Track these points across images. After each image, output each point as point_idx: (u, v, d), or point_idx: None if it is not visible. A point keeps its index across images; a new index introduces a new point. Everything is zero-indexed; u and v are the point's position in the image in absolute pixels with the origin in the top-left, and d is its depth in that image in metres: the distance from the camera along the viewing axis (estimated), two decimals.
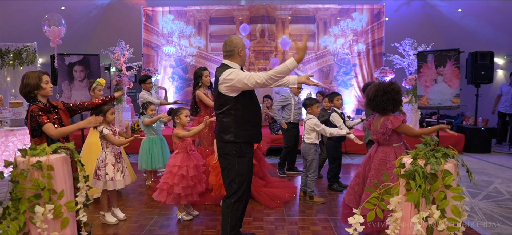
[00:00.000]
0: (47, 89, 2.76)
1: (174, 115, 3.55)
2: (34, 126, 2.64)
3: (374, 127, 2.91)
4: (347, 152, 6.82)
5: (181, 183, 3.33)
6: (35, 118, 2.63)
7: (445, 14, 8.58)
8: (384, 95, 2.81)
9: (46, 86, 2.74)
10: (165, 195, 3.36)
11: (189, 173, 3.35)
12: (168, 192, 3.35)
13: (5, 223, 1.91)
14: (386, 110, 2.83)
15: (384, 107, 2.82)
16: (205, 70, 4.24)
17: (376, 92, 2.85)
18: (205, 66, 7.74)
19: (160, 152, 4.63)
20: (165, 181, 3.35)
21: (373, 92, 2.87)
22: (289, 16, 9.06)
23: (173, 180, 3.32)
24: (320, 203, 4.02)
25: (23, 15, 7.27)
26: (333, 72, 9.13)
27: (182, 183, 3.33)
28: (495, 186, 4.67)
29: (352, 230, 1.95)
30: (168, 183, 3.33)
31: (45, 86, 2.74)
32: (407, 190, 1.97)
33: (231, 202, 2.63)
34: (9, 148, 5.45)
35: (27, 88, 2.69)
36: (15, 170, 2.00)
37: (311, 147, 4.02)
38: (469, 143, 7.15)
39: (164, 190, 3.36)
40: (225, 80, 2.53)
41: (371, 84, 3.05)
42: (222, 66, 2.63)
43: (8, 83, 7.29)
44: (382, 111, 2.86)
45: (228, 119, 2.59)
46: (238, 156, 2.60)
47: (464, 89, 7.69)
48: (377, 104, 2.84)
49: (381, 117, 2.87)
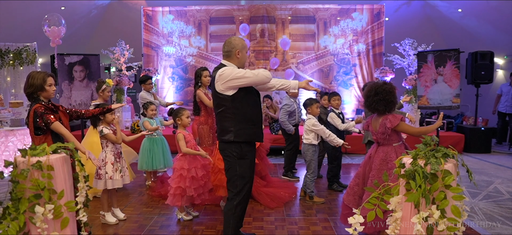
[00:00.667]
0: (50, 91, 2.80)
1: (175, 116, 3.55)
2: (40, 124, 2.66)
3: (373, 128, 2.91)
4: (347, 152, 6.82)
5: (193, 185, 3.37)
6: (42, 117, 2.66)
7: (445, 14, 8.58)
8: (375, 95, 2.81)
9: (49, 88, 2.78)
10: (180, 199, 3.40)
11: (198, 174, 3.38)
12: (182, 196, 3.39)
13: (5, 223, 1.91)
14: (377, 110, 2.84)
15: (376, 107, 2.82)
16: (205, 70, 4.24)
17: (368, 92, 2.87)
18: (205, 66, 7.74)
19: (161, 153, 4.62)
20: (177, 186, 3.37)
21: (365, 92, 2.91)
22: (289, 16, 9.06)
23: (185, 183, 3.35)
24: (320, 203, 4.02)
25: (23, 15, 7.27)
26: (333, 72, 9.13)
27: (194, 184, 3.37)
28: (495, 186, 4.67)
29: (352, 230, 1.95)
30: (181, 187, 3.36)
31: (48, 89, 2.77)
32: (407, 190, 1.97)
33: (234, 204, 2.60)
34: (9, 148, 5.45)
35: (31, 88, 2.73)
36: (15, 170, 2.00)
37: (310, 147, 4.01)
38: (469, 143, 7.14)
39: (178, 194, 3.39)
40: (219, 78, 2.52)
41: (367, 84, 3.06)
42: (219, 65, 2.64)
43: (8, 83, 7.29)
44: (374, 111, 2.87)
45: (227, 119, 2.58)
46: (239, 158, 2.58)
47: (464, 89, 7.69)
48: (369, 104, 2.86)
49: (379, 117, 2.87)
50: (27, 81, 2.75)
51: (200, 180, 3.40)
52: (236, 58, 2.63)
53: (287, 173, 5.18)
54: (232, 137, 2.55)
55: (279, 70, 9.02)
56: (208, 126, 4.23)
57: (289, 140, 5.11)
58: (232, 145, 2.57)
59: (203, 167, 3.46)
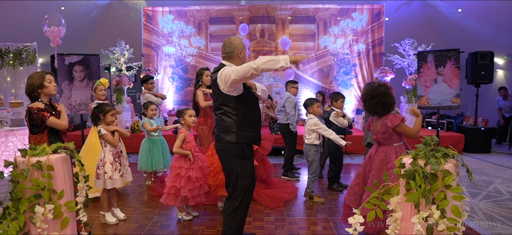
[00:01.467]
0: (50, 88, 2.90)
1: (179, 116, 3.63)
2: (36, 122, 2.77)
3: (374, 128, 2.91)
4: (347, 152, 6.82)
5: (188, 185, 3.36)
6: (37, 114, 2.77)
7: (445, 14, 8.58)
8: (371, 99, 2.81)
9: (49, 85, 2.88)
10: (174, 199, 3.40)
11: (193, 175, 3.37)
12: (176, 195, 3.39)
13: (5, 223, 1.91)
14: (376, 113, 2.84)
15: (374, 110, 2.83)
16: (207, 70, 4.25)
17: (364, 97, 2.87)
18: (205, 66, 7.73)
19: (161, 153, 4.61)
20: (172, 185, 3.37)
21: (362, 96, 2.92)
22: (289, 16, 9.06)
23: (180, 183, 3.35)
24: (320, 203, 4.02)
25: (23, 15, 7.27)
26: (333, 72, 9.13)
27: (189, 185, 3.36)
28: (495, 186, 4.67)
29: (352, 230, 1.94)
30: (176, 187, 3.36)
31: (48, 85, 2.87)
32: (407, 190, 1.97)
33: (235, 205, 2.58)
34: (9, 148, 5.45)
35: (30, 88, 2.85)
36: (15, 170, 2.00)
37: (311, 148, 4.00)
38: (469, 143, 7.15)
39: (172, 194, 3.39)
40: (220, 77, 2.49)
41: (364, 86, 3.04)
42: (220, 65, 2.60)
43: (8, 83, 7.29)
44: (374, 114, 2.87)
45: (229, 120, 2.55)
46: (240, 158, 2.56)
47: (464, 89, 7.69)
48: (368, 108, 2.87)
49: (379, 117, 2.87)
50: (27, 82, 2.87)
51: (196, 181, 3.38)
52: (238, 58, 2.60)
53: (287, 173, 5.18)
54: (233, 138, 2.54)
55: (279, 70, 9.02)
56: (207, 126, 4.22)
57: (287, 140, 5.13)
58: (233, 146, 2.55)
59: (200, 169, 3.45)
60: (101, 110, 3.37)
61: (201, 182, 3.45)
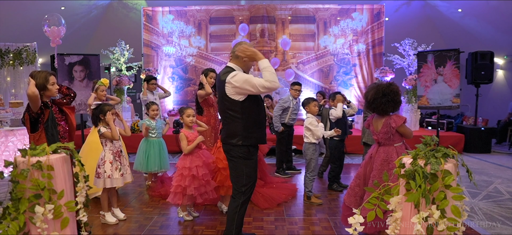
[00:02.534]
0: (53, 90, 2.84)
1: (180, 114, 3.66)
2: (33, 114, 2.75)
3: (374, 128, 2.91)
4: (347, 152, 6.82)
5: (193, 184, 3.37)
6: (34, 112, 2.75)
7: (445, 14, 8.58)
8: (383, 97, 2.81)
9: (52, 87, 2.82)
10: (181, 197, 3.41)
11: (199, 173, 3.38)
12: (183, 194, 3.40)
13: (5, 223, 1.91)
14: (386, 111, 2.84)
15: (385, 109, 2.82)
16: (213, 71, 4.24)
17: (375, 95, 2.84)
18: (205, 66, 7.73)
19: (157, 155, 4.55)
20: (178, 184, 3.39)
21: (372, 95, 2.87)
22: (289, 16, 9.06)
23: (184, 182, 3.36)
24: (318, 205, 4.00)
25: (23, 15, 7.27)
26: (333, 72, 9.13)
27: (194, 183, 3.38)
28: (495, 186, 4.67)
29: (352, 230, 1.95)
30: (181, 186, 3.37)
31: (51, 88, 2.81)
32: (407, 190, 1.97)
33: (240, 203, 2.65)
34: (9, 148, 5.45)
35: None
36: (15, 170, 2.00)
37: (310, 146, 4.00)
38: (469, 143, 7.15)
39: (178, 193, 3.40)
40: (229, 82, 2.50)
41: (369, 86, 3.05)
42: (226, 68, 2.63)
43: (8, 83, 7.29)
44: (383, 113, 2.86)
45: (235, 123, 2.58)
46: (245, 158, 2.61)
47: (464, 89, 7.70)
48: (377, 107, 2.84)
49: (381, 117, 2.86)
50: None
51: (201, 178, 3.40)
52: (242, 61, 2.63)
53: (278, 171, 5.22)
54: (240, 141, 2.58)
55: (279, 70, 9.02)
56: (210, 126, 4.22)
57: (278, 138, 5.16)
58: (239, 148, 2.59)
59: (205, 166, 3.46)
60: (101, 111, 3.37)
61: (207, 178, 3.47)
